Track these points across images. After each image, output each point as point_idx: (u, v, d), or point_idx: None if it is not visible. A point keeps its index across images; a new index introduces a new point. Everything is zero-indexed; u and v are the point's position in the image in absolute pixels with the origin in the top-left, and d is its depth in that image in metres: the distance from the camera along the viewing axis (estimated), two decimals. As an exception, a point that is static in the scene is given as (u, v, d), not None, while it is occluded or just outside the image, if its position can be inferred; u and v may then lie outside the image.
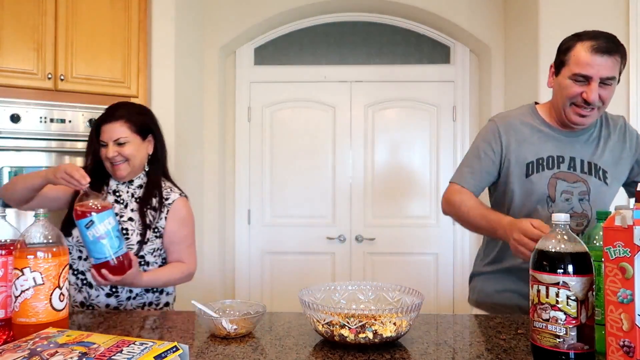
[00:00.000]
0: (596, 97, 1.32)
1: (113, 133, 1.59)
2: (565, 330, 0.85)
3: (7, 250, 1.06)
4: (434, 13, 3.11)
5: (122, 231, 1.54)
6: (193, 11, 2.98)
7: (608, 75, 1.32)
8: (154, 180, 1.68)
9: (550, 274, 0.87)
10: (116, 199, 1.63)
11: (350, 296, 1.22)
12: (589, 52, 1.32)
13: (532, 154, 1.45)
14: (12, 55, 2.28)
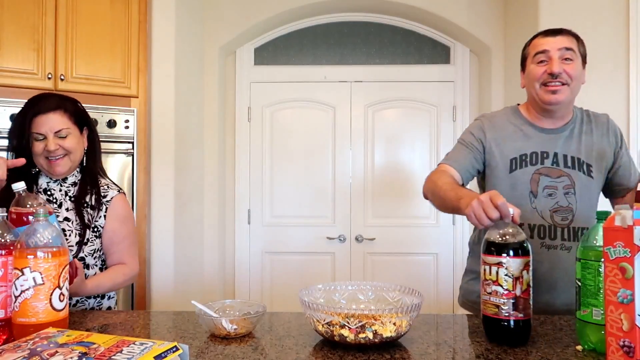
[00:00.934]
0: (560, 68, 1.38)
1: (54, 124, 1.45)
2: (504, 301, 1.03)
3: (7, 250, 1.06)
4: (434, 13, 3.11)
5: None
6: (193, 11, 2.98)
7: (565, 45, 1.38)
8: (90, 177, 1.56)
9: (492, 256, 1.04)
10: (48, 199, 1.51)
11: (350, 296, 1.22)
12: (542, 36, 1.43)
13: (515, 150, 1.48)
14: (12, 55, 2.28)
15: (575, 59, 1.39)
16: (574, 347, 1.03)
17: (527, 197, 1.45)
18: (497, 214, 1.07)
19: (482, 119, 1.56)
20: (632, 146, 2.48)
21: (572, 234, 1.43)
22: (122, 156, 2.50)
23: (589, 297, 0.97)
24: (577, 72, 1.40)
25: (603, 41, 2.51)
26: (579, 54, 1.42)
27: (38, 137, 1.45)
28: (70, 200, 1.53)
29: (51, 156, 1.46)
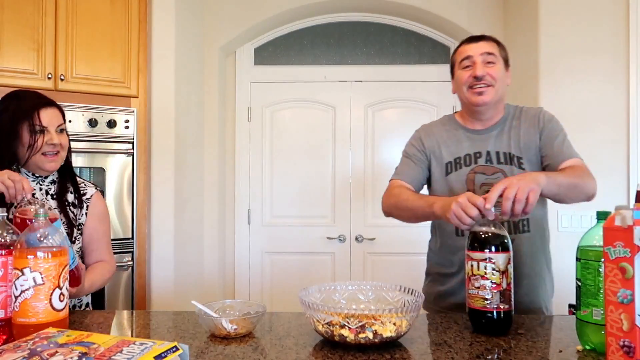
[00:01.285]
0: (483, 71, 1.45)
1: (56, 118, 1.44)
2: (492, 294, 1.10)
3: (7, 250, 1.06)
4: (434, 13, 3.11)
5: None
6: (193, 11, 2.98)
7: (487, 50, 1.47)
8: (70, 175, 1.54)
9: (479, 252, 1.11)
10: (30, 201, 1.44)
11: (350, 296, 1.22)
12: (465, 43, 1.52)
13: (450, 154, 1.55)
14: (12, 55, 2.28)
15: (497, 62, 1.47)
16: (574, 347, 1.03)
17: None
18: (476, 212, 1.15)
19: (419, 130, 1.66)
20: (632, 146, 2.48)
21: (512, 228, 1.46)
22: (122, 156, 2.50)
23: (589, 297, 0.97)
24: (500, 73, 1.48)
25: (603, 40, 2.51)
26: (501, 57, 1.50)
27: (37, 129, 1.40)
28: (52, 199, 1.49)
29: (50, 151, 1.43)
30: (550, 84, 2.54)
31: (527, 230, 1.47)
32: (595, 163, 2.48)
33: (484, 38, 1.50)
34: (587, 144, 2.51)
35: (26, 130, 1.40)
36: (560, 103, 2.53)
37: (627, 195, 2.47)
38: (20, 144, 1.40)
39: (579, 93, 2.52)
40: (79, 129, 2.40)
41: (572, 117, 2.52)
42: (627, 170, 2.48)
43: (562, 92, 2.53)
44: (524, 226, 1.47)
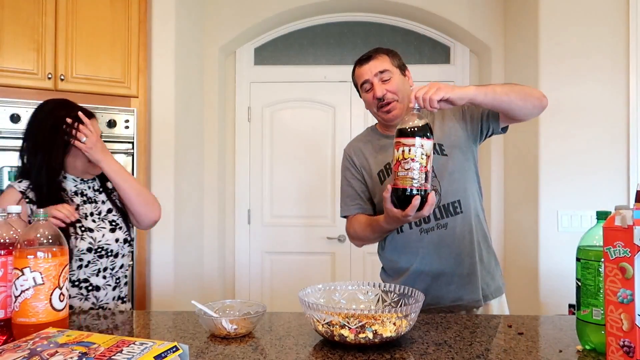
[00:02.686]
0: (381, 91, 1.51)
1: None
2: (419, 175, 1.24)
3: (7, 250, 1.06)
4: (434, 13, 3.11)
5: (112, 223, 1.60)
6: (193, 11, 2.98)
7: (379, 69, 1.53)
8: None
9: (411, 138, 1.23)
10: (84, 200, 1.61)
11: (350, 296, 1.22)
12: (358, 67, 1.61)
13: (379, 164, 1.59)
14: (12, 55, 2.28)
15: (392, 76, 1.53)
16: (574, 347, 1.03)
17: None
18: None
19: (346, 151, 1.71)
20: (632, 146, 2.48)
21: (444, 211, 1.50)
22: (122, 156, 2.50)
23: (589, 297, 0.97)
24: (398, 85, 1.53)
25: (603, 40, 2.51)
26: (395, 67, 1.56)
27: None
28: (100, 193, 1.65)
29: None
30: (550, 84, 2.54)
31: (460, 212, 1.50)
32: (595, 163, 2.50)
33: (372, 56, 1.56)
34: (587, 144, 2.52)
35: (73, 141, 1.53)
36: (561, 103, 2.53)
37: (627, 195, 2.47)
38: (71, 155, 1.57)
39: (579, 93, 2.53)
40: (79, 129, 2.39)
41: (572, 117, 2.53)
42: (627, 170, 2.48)
43: (562, 92, 2.53)
44: (455, 208, 1.50)
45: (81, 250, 1.52)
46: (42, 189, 1.51)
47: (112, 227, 1.60)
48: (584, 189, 2.50)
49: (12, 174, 2.28)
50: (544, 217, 2.54)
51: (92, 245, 1.54)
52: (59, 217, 1.41)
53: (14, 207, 1.13)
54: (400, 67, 1.58)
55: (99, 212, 1.61)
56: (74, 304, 1.52)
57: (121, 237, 1.61)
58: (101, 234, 1.57)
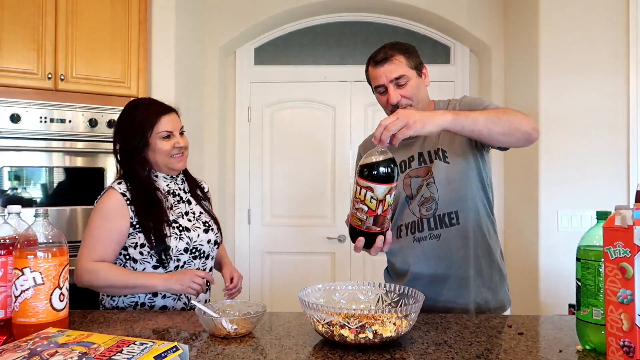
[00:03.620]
0: (396, 98, 1.44)
1: (177, 123, 1.58)
2: (366, 217, 1.22)
3: (7, 250, 1.06)
4: (434, 13, 3.11)
5: (205, 224, 1.60)
6: (193, 11, 2.98)
7: (395, 75, 1.44)
8: (190, 174, 1.71)
9: (364, 180, 1.20)
10: (177, 200, 1.60)
11: (350, 296, 1.22)
12: (372, 67, 1.49)
13: None
14: (12, 55, 2.28)
15: (408, 80, 1.45)
16: (574, 347, 1.03)
17: (405, 202, 1.51)
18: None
19: (358, 148, 1.69)
20: (632, 146, 2.48)
21: (438, 222, 1.46)
22: (122, 156, 2.50)
23: (589, 297, 0.97)
24: (413, 90, 1.45)
25: (603, 40, 2.51)
26: (412, 69, 1.46)
27: (164, 135, 1.53)
28: (191, 196, 1.65)
29: (177, 153, 1.55)
30: (550, 84, 2.54)
31: (456, 224, 1.44)
32: (595, 163, 2.50)
33: (388, 59, 1.46)
34: (587, 143, 2.51)
35: (155, 137, 1.53)
36: (561, 103, 2.53)
37: (627, 195, 2.47)
38: (151, 150, 1.54)
39: (579, 93, 2.52)
40: (79, 129, 2.40)
41: (572, 117, 2.53)
42: (627, 171, 2.48)
43: (562, 92, 2.53)
44: (451, 219, 1.45)
45: (179, 250, 1.51)
46: (138, 189, 1.51)
47: (206, 228, 1.59)
48: (584, 189, 2.50)
49: (12, 174, 2.28)
50: (544, 217, 2.54)
51: (189, 245, 1.53)
52: (195, 289, 1.44)
53: (14, 207, 1.13)
54: (417, 67, 1.49)
55: (194, 212, 1.60)
56: (168, 303, 1.52)
57: (212, 238, 1.61)
58: (196, 234, 1.56)
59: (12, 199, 2.27)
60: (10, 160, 2.27)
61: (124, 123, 1.56)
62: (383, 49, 1.50)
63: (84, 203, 2.42)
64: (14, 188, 2.30)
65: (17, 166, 2.29)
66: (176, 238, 1.50)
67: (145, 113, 1.54)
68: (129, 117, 1.56)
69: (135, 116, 1.54)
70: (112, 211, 1.49)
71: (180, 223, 1.54)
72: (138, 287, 1.46)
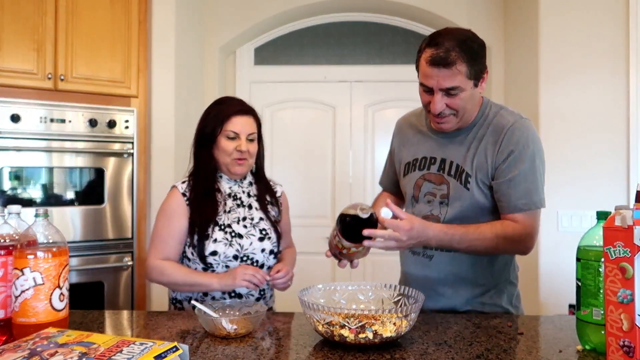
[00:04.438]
0: (440, 108, 1.27)
1: (248, 127, 1.51)
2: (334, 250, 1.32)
3: (7, 250, 1.06)
4: (434, 13, 3.11)
5: (262, 232, 1.54)
6: (193, 11, 2.98)
7: (447, 86, 1.25)
8: (263, 178, 1.66)
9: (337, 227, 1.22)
10: (237, 203, 1.56)
11: (350, 296, 1.22)
12: (427, 64, 1.26)
13: (410, 154, 1.48)
14: (12, 55, 2.28)
15: (461, 91, 1.26)
16: (574, 347, 1.03)
17: (410, 202, 1.47)
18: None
19: (397, 124, 1.61)
20: (632, 146, 2.48)
21: None
22: (122, 156, 2.50)
23: (589, 297, 0.97)
24: (463, 101, 1.28)
25: (603, 40, 2.51)
26: (469, 79, 1.26)
27: (230, 135, 1.49)
28: (255, 200, 1.60)
29: (238, 157, 1.50)
30: (550, 84, 2.54)
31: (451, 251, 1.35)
32: (595, 163, 2.50)
33: (447, 64, 1.23)
34: (587, 143, 2.51)
35: (221, 135, 1.49)
36: (561, 103, 2.53)
37: (627, 195, 2.47)
38: (216, 147, 1.51)
39: (579, 93, 2.52)
40: (78, 129, 2.40)
41: (572, 117, 2.52)
42: (627, 171, 2.48)
43: (562, 92, 2.53)
44: None
45: (228, 257, 1.47)
46: (197, 185, 1.51)
47: (262, 236, 1.53)
48: (584, 189, 2.50)
49: (12, 174, 2.28)
50: (544, 217, 2.51)
51: (239, 252, 1.48)
52: (254, 282, 1.41)
53: (14, 207, 1.13)
54: (477, 75, 1.27)
55: (252, 218, 1.55)
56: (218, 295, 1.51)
57: (268, 247, 1.54)
58: (249, 241, 1.50)
59: (12, 199, 2.27)
60: (10, 160, 2.27)
61: (204, 115, 1.55)
62: (446, 44, 1.23)
63: (84, 203, 2.42)
64: (14, 188, 2.30)
65: (17, 166, 2.29)
66: (226, 244, 1.47)
67: (222, 108, 1.52)
68: (209, 110, 1.55)
69: (213, 110, 1.53)
70: (173, 211, 1.50)
71: (233, 228, 1.50)
72: (196, 285, 1.46)
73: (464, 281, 1.39)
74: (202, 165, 1.53)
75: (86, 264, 2.37)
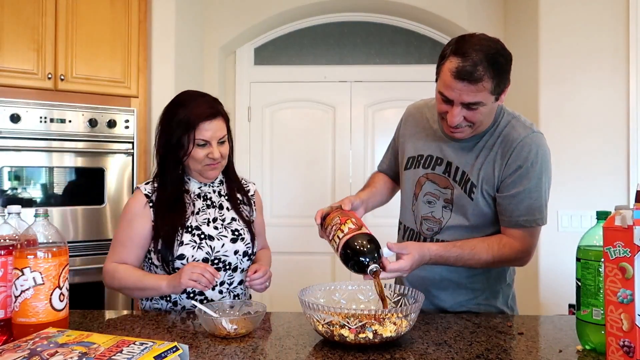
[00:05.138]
0: (457, 121, 1.24)
1: (218, 132, 1.41)
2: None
3: (7, 250, 1.06)
4: (434, 13, 3.11)
5: (235, 233, 1.46)
6: (193, 11, 2.98)
7: (470, 101, 1.20)
8: (234, 176, 1.56)
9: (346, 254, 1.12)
10: (207, 204, 1.48)
11: (350, 296, 1.22)
12: (450, 75, 1.19)
13: (415, 149, 1.45)
14: (12, 55, 2.28)
15: (482, 106, 1.22)
16: (574, 347, 1.03)
17: (411, 199, 1.45)
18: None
19: (407, 110, 1.55)
20: (632, 146, 2.48)
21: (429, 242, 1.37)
22: (122, 156, 2.50)
23: (589, 297, 0.97)
24: (482, 116, 1.25)
25: (603, 40, 2.51)
26: (492, 95, 1.21)
27: (200, 143, 1.40)
28: (226, 200, 1.52)
29: (210, 163, 1.43)
30: (550, 84, 2.54)
31: None
32: (595, 163, 2.50)
33: (475, 80, 1.17)
34: (587, 143, 2.51)
35: (190, 142, 1.39)
36: (561, 103, 2.53)
37: (627, 195, 2.47)
38: (184, 153, 1.41)
39: (579, 93, 2.52)
40: (78, 129, 2.40)
41: (572, 116, 2.52)
42: (627, 171, 2.48)
43: (562, 92, 2.53)
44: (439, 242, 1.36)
45: (197, 260, 1.38)
46: (163, 189, 1.43)
47: (234, 237, 1.45)
48: (584, 189, 2.50)
49: (12, 174, 2.28)
50: (544, 217, 2.54)
51: (209, 255, 1.40)
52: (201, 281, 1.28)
53: (14, 207, 1.13)
54: (500, 90, 1.22)
55: (223, 219, 1.47)
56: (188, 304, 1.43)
57: (241, 249, 1.45)
58: (221, 243, 1.42)
59: (12, 199, 2.27)
60: (10, 160, 2.27)
61: (167, 117, 1.44)
62: (474, 57, 1.17)
63: (84, 203, 2.42)
64: (14, 188, 2.30)
65: (17, 166, 2.29)
66: (194, 246, 1.39)
67: (189, 113, 1.39)
68: (171, 112, 1.43)
69: (178, 113, 1.41)
70: (134, 214, 1.42)
71: (203, 230, 1.42)
72: (147, 289, 1.37)
73: (459, 285, 1.39)
74: (169, 170, 1.44)
75: (86, 264, 2.37)
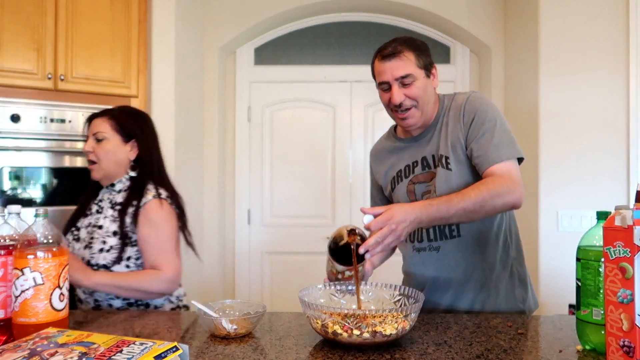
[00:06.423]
0: (399, 98, 1.38)
1: (95, 127, 1.54)
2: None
3: (7, 250, 1.06)
4: (434, 13, 3.11)
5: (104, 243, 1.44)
6: (193, 11, 2.98)
7: (401, 74, 1.37)
8: (138, 187, 1.52)
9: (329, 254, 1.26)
10: (97, 209, 1.54)
11: (350, 296, 1.22)
12: (378, 61, 1.41)
13: (393, 170, 1.53)
14: (12, 55, 2.28)
15: (414, 80, 1.38)
16: (574, 347, 1.03)
17: None
18: None
19: (370, 154, 1.69)
20: (632, 146, 2.48)
21: (438, 233, 1.41)
22: (122, 156, 2.50)
23: (589, 297, 0.97)
24: (420, 91, 1.39)
25: (603, 40, 2.51)
26: (420, 68, 1.39)
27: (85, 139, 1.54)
28: (112, 209, 1.50)
29: (88, 159, 1.50)
30: (550, 84, 2.54)
31: (456, 236, 1.40)
32: (595, 163, 2.50)
33: (396, 54, 1.37)
34: (587, 143, 2.51)
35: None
36: (561, 103, 2.53)
37: (627, 195, 2.47)
38: None
39: (579, 93, 2.52)
40: (78, 129, 2.39)
41: (572, 116, 2.53)
42: (627, 171, 2.48)
43: (562, 92, 2.53)
44: (452, 231, 1.40)
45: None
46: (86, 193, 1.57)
47: (102, 247, 1.45)
48: (584, 189, 2.50)
49: (12, 174, 2.28)
50: (544, 217, 2.54)
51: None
52: None
53: (14, 207, 1.13)
54: (426, 66, 1.41)
55: (100, 227, 1.48)
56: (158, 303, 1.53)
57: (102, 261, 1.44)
58: (88, 250, 1.45)
59: (12, 199, 2.27)
60: (10, 160, 2.27)
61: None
62: (393, 43, 1.41)
63: (84, 203, 2.42)
64: (14, 188, 2.30)
65: (17, 166, 2.29)
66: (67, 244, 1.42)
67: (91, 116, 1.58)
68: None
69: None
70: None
71: (79, 233, 1.53)
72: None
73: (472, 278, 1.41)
74: None
75: (86, 264, 2.37)
